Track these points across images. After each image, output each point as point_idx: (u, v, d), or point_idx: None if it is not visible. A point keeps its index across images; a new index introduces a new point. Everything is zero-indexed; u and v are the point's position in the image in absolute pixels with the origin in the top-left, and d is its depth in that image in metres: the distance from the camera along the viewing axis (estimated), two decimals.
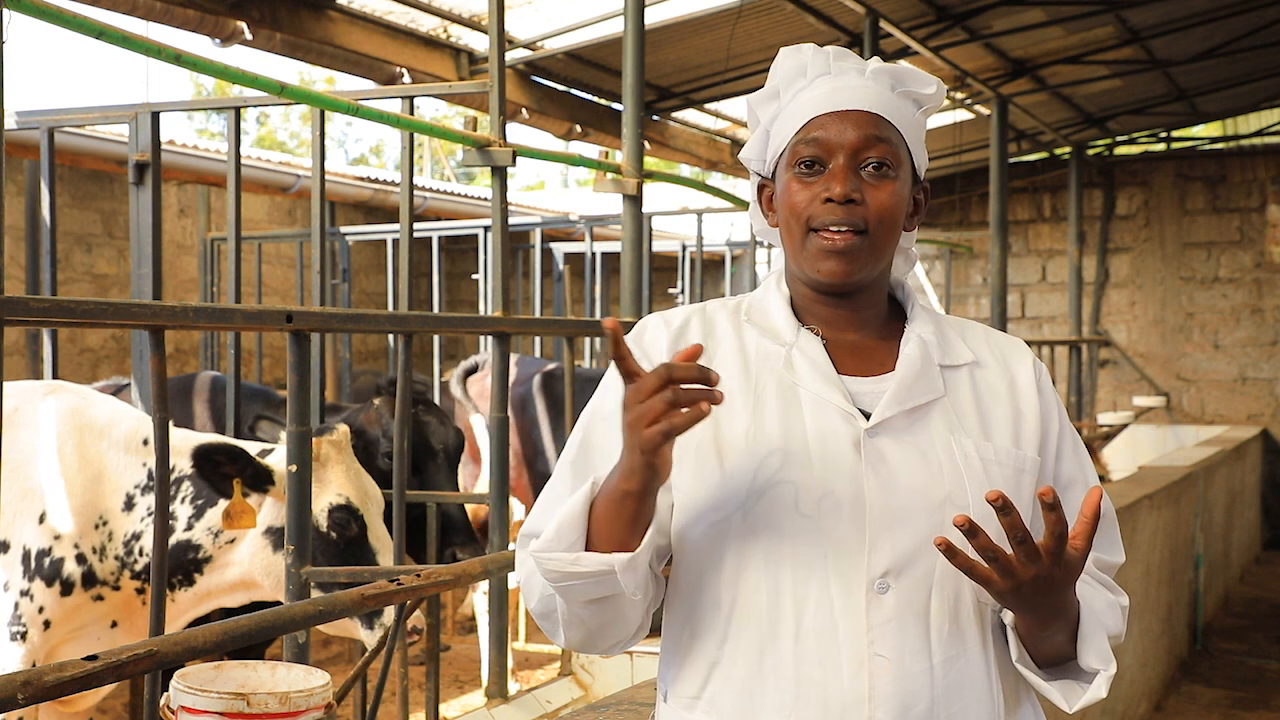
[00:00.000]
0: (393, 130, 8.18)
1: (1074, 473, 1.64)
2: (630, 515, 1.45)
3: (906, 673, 1.48)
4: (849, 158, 1.56)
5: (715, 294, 12.79)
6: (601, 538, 1.47)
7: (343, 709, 2.95)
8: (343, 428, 3.71)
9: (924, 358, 1.59)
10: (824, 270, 1.56)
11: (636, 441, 1.38)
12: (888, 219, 1.56)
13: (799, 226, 1.57)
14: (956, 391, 1.59)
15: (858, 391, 1.57)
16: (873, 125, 1.57)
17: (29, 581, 3.48)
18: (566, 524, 1.47)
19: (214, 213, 10.05)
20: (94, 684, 2.01)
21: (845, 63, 1.63)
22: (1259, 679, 7.18)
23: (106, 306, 2.96)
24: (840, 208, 1.54)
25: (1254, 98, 11.63)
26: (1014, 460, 1.57)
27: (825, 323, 1.63)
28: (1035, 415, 1.61)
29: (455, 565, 3.08)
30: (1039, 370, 1.66)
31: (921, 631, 1.50)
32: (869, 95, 1.59)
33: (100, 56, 51.40)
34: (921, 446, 1.53)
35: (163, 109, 4.77)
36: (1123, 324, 12.73)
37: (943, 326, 1.66)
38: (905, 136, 1.61)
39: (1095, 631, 1.52)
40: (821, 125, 1.58)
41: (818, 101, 1.60)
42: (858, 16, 7.32)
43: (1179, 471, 7.24)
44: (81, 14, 3.13)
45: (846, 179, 1.55)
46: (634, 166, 5.16)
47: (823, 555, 1.50)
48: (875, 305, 1.64)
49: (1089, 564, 1.61)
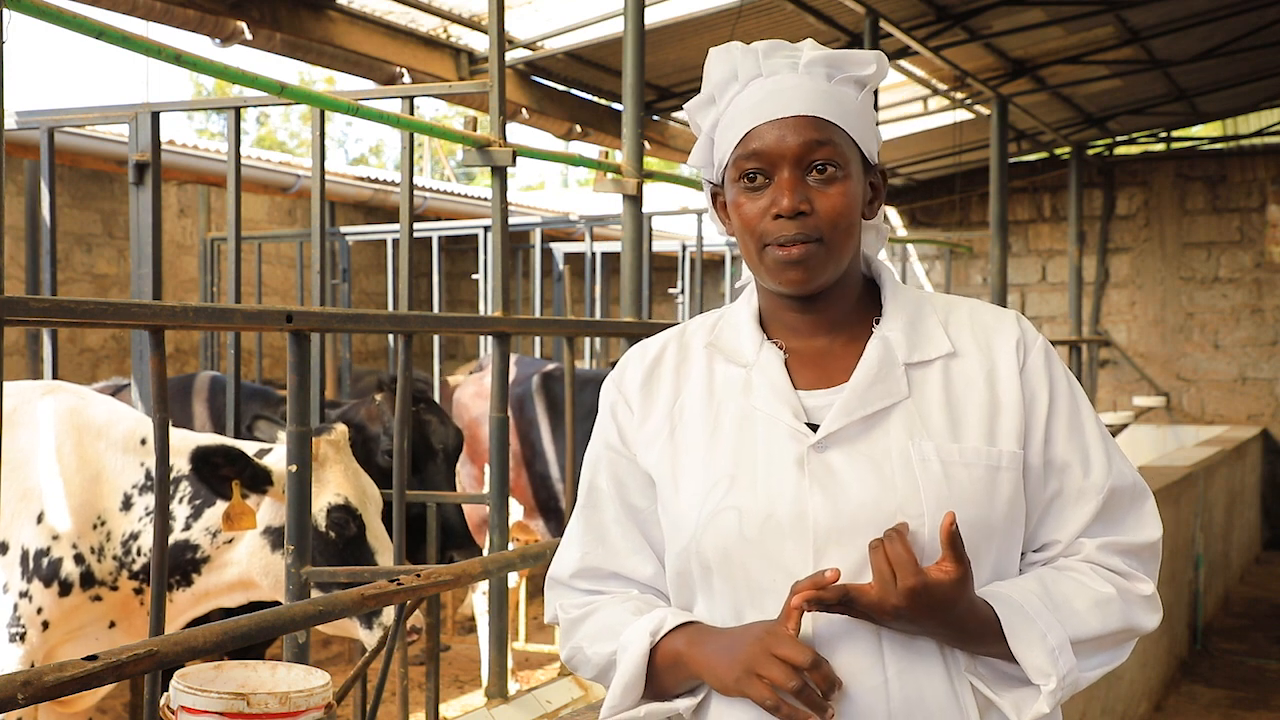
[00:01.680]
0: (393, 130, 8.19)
1: (1068, 454, 1.56)
2: (690, 679, 1.53)
3: (857, 689, 1.47)
4: (792, 167, 1.52)
5: (715, 294, 12.80)
6: (660, 681, 1.54)
7: (343, 709, 2.95)
8: (341, 427, 3.70)
9: (884, 360, 1.55)
10: (784, 281, 1.54)
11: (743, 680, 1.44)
12: (841, 222, 1.52)
13: (753, 241, 1.55)
14: (924, 391, 1.55)
15: (815, 405, 1.55)
16: (812, 129, 1.52)
17: (27, 582, 3.48)
18: (630, 685, 1.54)
19: (214, 213, 10.05)
20: (94, 684, 2.00)
21: (776, 59, 1.57)
22: (1259, 679, 7.18)
23: (106, 306, 2.95)
24: (790, 222, 1.51)
25: (1254, 98, 11.63)
26: (985, 458, 1.51)
27: (793, 329, 1.61)
28: (1016, 404, 1.55)
29: (455, 565, 3.08)
30: (1025, 349, 1.58)
31: (873, 647, 1.48)
32: (804, 96, 1.53)
33: (100, 56, 51.43)
34: (875, 456, 1.50)
35: (163, 109, 4.77)
36: (1123, 324, 12.73)
37: (922, 313, 1.60)
38: (849, 129, 1.55)
39: (1030, 642, 1.46)
40: (760, 136, 1.53)
41: (753, 111, 1.55)
42: (858, 16, 7.32)
43: (1179, 471, 7.24)
44: (81, 14, 3.12)
45: (793, 191, 1.51)
46: (634, 166, 5.16)
47: (771, 578, 1.50)
48: (845, 301, 1.60)
49: (1095, 551, 1.55)
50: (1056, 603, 1.50)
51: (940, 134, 10.81)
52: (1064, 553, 1.57)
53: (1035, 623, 1.47)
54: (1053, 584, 1.52)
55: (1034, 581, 1.53)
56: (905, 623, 1.45)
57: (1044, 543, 1.58)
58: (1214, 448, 9.14)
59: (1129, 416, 11.01)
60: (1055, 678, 1.46)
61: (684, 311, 9.70)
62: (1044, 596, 1.50)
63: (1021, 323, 1.62)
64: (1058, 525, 1.57)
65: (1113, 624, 1.53)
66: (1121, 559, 1.57)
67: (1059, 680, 1.46)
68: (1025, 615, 1.47)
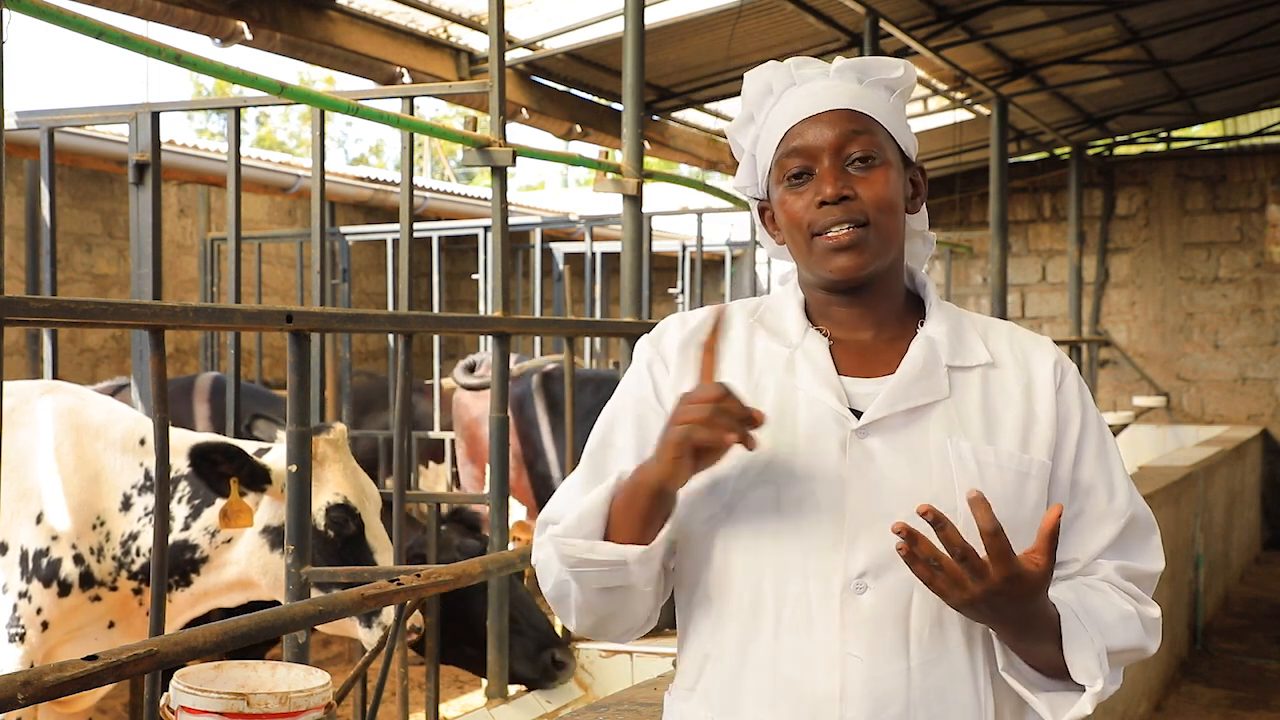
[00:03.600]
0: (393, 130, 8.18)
1: (1094, 477, 1.61)
2: (644, 510, 1.50)
3: (880, 673, 1.49)
4: (832, 157, 1.57)
5: (715, 294, 12.79)
6: (619, 529, 1.51)
7: (343, 709, 2.95)
8: (339, 426, 3.71)
9: (929, 358, 1.58)
10: (836, 268, 1.57)
11: (666, 435, 1.45)
12: (885, 205, 1.57)
13: (802, 235, 1.59)
14: (963, 393, 1.58)
15: (858, 393, 1.58)
16: (848, 120, 1.58)
17: (27, 583, 3.48)
18: (588, 513, 1.52)
19: (214, 213, 10.05)
20: (94, 684, 2.00)
21: (808, 69, 1.64)
22: (1259, 679, 7.18)
23: (106, 306, 2.96)
24: (835, 208, 1.55)
25: (1254, 98, 11.63)
26: (1017, 464, 1.55)
27: (839, 323, 1.64)
28: (1050, 418, 1.59)
29: (455, 565, 3.08)
30: (1062, 372, 1.63)
31: (900, 633, 1.50)
32: (837, 93, 1.60)
33: (100, 56, 51.43)
34: (914, 448, 1.54)
35: (163, 109, 4.77)
36: (1123, 324, 12.73)
37: (963, 325, 1.65)
38: (884, 123, 1.61)
39: (1083, 645, 1.49)
40: (799, 134, 1.59)
41: (790, 113, 1.61)
42: (858, 16, 7.32)
43: (1179, 471, 7.24)
44: (81, 14, 3.12)
45: (835, 179, 1.56)
46: (634, 166, 5.16)
47: (802, 555, 1.52)
48: (890, 299, 1.64)
49: (1113, 573, 1.59)
50: (1091, 613, 1.53)
51: (940, 134, 10.81)
52: (1082, 571, 1.61)
53: (1085, 628, 1.51)
54: (1084, 596, 1.56)
55: (1069, 591, 1.56)
56: (983, 608, 1.45)
57: (1063, 560, 1.60)
58: (1214, 448, 9.14)
59: (1129, 416, 11.02)
60: (1101, 680, 1.49)
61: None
62: (1081, 605, 1.53)
63: (1057, 350, 1.68)
64: (1079, 544, 1.61)
65: (1132, 640, 1.56)
66: (1134, 584, 1.61)
67: (1104, 684, 1.50)
68: (1077, 619, 1.51)
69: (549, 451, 6.28)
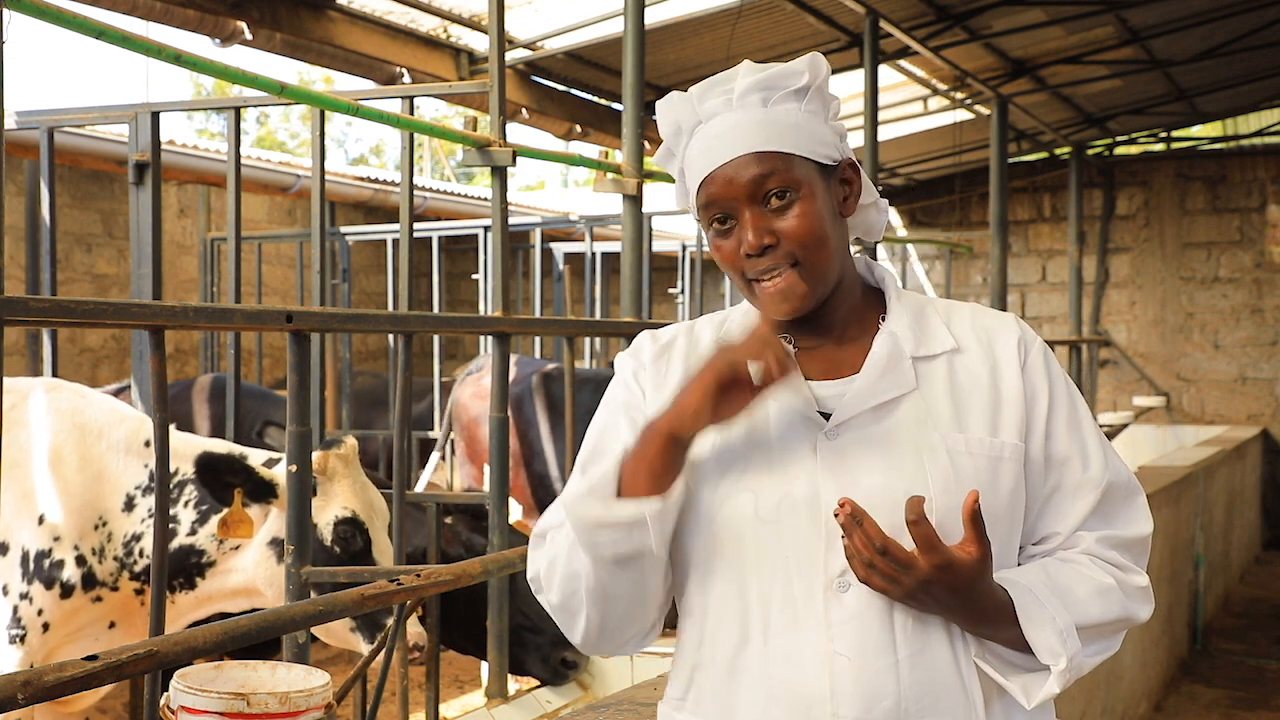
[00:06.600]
0: (393, 130, 8.18)
1: (1068, 449, 1.61)
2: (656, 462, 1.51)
3: (869, 670, 1.50)
4: (749, 204, 1.56)
5: (715, 294, 12.80)
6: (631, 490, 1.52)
7: (343, 709, 2.95)
8: (350, 441, 3.71)
9: (893, 353, 1.59)
10: (779, 312, 1.59)
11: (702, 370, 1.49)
12: (811, 241, 1.56)
13: (738, 278, 1.61)
14: (930, 383, 1.60)
15: (827, 395, 1.60)
16: (755, 164, 1.56)
17: (28, 584, 3.47)
18: (600, 482, 1.53)
19: (214, 213, 10.05)
20: (94, 684, 2.01)
21: (711, 101, 1.60)
22: (1259, 679, 7.18)
23: (106, 306, 2.96)
24: (760, 258, 1.57)
25: (1254, 98, 11.63)
26: (989, 449, 1.56)
27: (799, 334, 1.65)
28: (1018, 398, 1.60)
29: (455, 565, 3.08)
30: (1025, 348, 1.63)
31: (885, 628, 1.51)
32: (741, 132, 1.57)
33: (100, 56, 51.42)
34: (885, 444, 1.55)
35: (163, 109, 4.77)
36: (1123, 324, 12.73)
37: (925, 313, 1.66)
38: (795, 149, 1.57)
39: (1042, 623, 1.50)
40: (711, 182, 1.58)
41: (699, 162, 1.60)
42: (858, 16, 7.32)
43: (1179, 471, 7.24)
44: (81, 14, 3.12)
45: (756, 228, 1.56)
46: (634, 166, 5.16)
47: (783, 558, 1.54)
48: (846, 303, 1.65)
49: (1094, 544, 1.59)
50: (1060, 590, 1.54)
51: (940, 134, 10.81)
52: (1063, 545, 1.62)
53: (1045, 606, 1.52)
54: (1056, 572, 1.57)
55: (1038, 570, 1.57)
56: (924, 599, 1.48)
57: (1043, 535, 1.63)
58: (1214, 448, 9.14)
59: (1129, 416, 11.01)
60: (1065, 658, 1.50)
61: (684, 311, 9.70)
62: (1048, 583, 1.55)
63: (1021, 324, 1.67)
64: (1057, 518, 1.62)
65: (1112, 613, 1.57)
66: (1117, 552, 1.62)
67: (1068, 661, 1.51)
68: (1035, 598, 1.52)
69: (547, 451, 6.28)
